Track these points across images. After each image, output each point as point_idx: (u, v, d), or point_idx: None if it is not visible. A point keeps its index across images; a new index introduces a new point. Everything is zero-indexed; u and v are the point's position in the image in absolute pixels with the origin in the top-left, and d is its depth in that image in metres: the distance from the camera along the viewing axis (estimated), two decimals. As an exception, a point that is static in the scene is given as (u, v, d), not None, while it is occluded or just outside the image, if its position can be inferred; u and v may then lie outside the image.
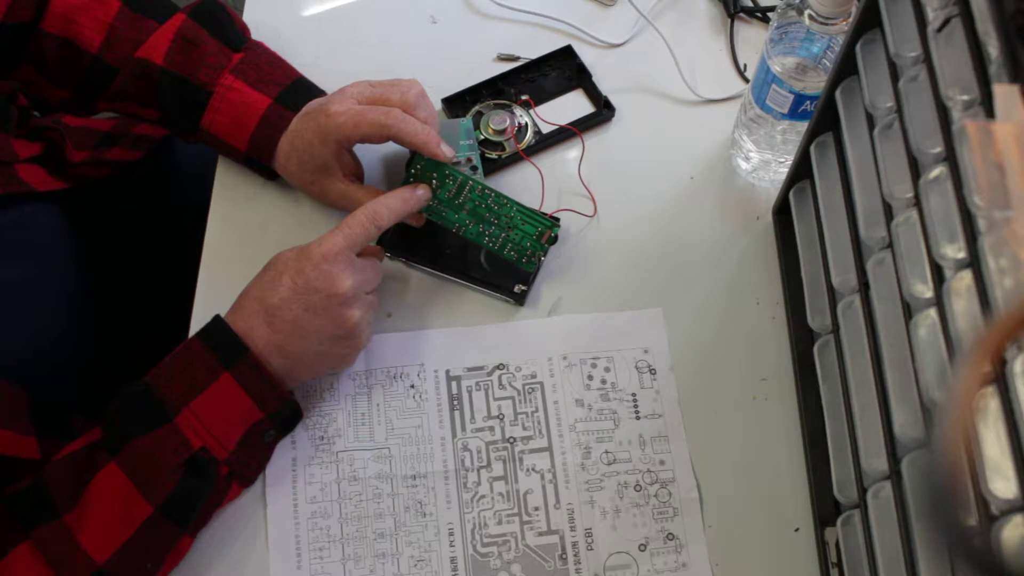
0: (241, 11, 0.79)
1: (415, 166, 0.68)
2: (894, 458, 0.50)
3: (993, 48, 0.38)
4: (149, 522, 0.56)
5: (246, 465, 0.61)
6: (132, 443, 0.56)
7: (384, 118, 0.64)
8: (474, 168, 0.72)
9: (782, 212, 0.71)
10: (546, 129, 0.76)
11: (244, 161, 0.71)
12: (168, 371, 0.59)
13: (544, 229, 0.68)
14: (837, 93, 0.57)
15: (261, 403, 0.59)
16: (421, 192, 0.65)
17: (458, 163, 0.71)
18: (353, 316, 0.60)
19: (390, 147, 0.70)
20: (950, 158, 0.43)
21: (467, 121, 0.74)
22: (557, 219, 0.69)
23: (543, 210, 0.70)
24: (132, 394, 0.58)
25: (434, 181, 0.68)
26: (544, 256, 0.68)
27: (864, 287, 0.55)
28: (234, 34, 0.71)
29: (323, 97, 0.69)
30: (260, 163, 0.70)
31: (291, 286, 0.59)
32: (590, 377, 0.67)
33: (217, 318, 0.60)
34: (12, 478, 0.58)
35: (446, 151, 0.66)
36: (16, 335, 0.64)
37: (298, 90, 0.70)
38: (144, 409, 0.58)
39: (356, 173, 0.71)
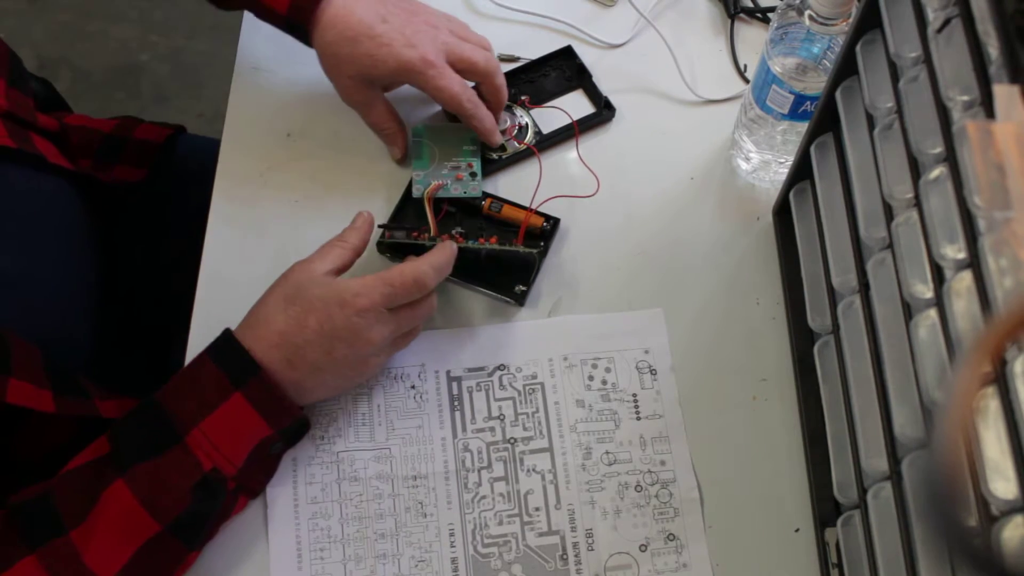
0: None
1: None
2: (894, 458, 0.50)
3: (993, 48, 0.38)
4: (156, 540, 0.56)
5: (253, 478, 0.61)
6: (141, 464, 0.56)
7: (472, 107, 0.69)
8: (473, 175, 0.71)
9: (782, 212, 0.71)
10: (546, 129, 0.76)
11: (284, 26, 0.69)
12: (177, 388, 0.58)
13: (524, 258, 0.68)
14: (837, 93, 0.57)
15: (271, 420, 0.59)
16: (455, 247, 0.65)
17: (457, 167, 0.71)
18: (373, 365, 0.62)
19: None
20: (950, 158, 0.43)
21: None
22: (545, 239, 0.69)
23: (542, 210, 0.70)
24: (141, 411, 0.58)
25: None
26: (543, 257, 0.68)
27: (864, 287, 0.55)
28: None
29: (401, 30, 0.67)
30: (301, 29, 0.68)
31: (317, 329, 0.58)
32: (591, 378, 0.67)
33: (228, 335, 0.59)
34: (26, 430, 0.58)
35: (499, 137, 0.73)
36: (17, 326, 0.64)
37: None
38: (154, 428, 0.57)
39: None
